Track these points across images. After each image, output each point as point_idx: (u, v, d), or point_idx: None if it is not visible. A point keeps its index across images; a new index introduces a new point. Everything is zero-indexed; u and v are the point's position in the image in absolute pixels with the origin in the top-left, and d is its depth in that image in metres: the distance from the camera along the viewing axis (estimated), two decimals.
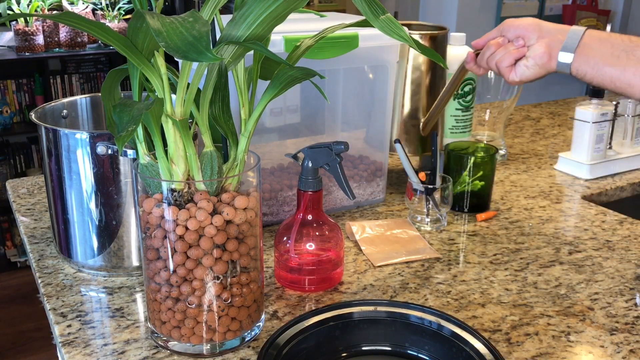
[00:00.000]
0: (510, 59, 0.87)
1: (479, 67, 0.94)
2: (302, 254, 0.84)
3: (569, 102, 1.98)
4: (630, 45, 0.80)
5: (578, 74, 0.83)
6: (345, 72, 1.07)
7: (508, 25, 0.89)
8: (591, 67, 0.82)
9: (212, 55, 0.50)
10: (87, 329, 0.76)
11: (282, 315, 0.79)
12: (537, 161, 1.40)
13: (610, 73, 0.81)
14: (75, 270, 0.90)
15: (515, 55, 0.87)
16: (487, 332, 0.76)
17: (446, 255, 0.95)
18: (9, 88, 3.17)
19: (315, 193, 0.82)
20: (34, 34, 2.93)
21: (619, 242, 1.01)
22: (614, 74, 0.81)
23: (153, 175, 0.68)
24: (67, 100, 0.98)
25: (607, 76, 0.81)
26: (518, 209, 1.13)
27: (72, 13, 0.58)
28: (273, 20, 0.60)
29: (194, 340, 0.69)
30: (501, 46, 0.88)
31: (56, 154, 0.84)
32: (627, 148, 1.35)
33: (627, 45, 0.80)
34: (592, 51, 0.82)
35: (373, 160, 1.14)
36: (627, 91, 0.81)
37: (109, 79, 0.71)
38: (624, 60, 0.80)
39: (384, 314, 0.71)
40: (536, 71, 0.86)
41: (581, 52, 0.82)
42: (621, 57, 0.80)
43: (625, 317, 0.80)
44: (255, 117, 0.69)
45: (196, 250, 0.65)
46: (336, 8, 4.37)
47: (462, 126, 1.27)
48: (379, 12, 0.61)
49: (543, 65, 0.85)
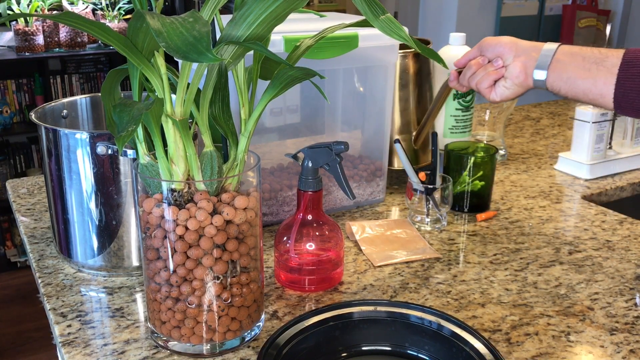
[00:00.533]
0: (489, 81, 0.90)
1: (462, 86, 0.97)
2: (302, 254, 0.84)
3: (569, 102, 1.98)
4: (600, 57, 0.82)
5: (553, 89, 0.86)
6: (345, 72, 1.07)
7: (487, 44, 0.91)
8: (564, 82, 0.84)
9: (213, 55, 0.50)
10: (87, 329, 0.76)
11: (282, 315, 0.79)
12: (537, 161, 1.40)
13: (582, 86, 0.83)
14: (75, 270, 0.90)
15: (494, 76, 0.90)
16: (487, 332, 0.76)
17: (446, 255, 0.96)
18: (9, 88, 3.17)
19: (315, 193, 0.82)
20: (34, 34, 2.93)
21: (619, 242, 1.01)
22: (586, 86, 0.82)
23: (153, 175, 0.68)
24: (67, 100, 0.98)
25: (579, 89, 0.83)
26: (518, 209, 1.13)
27: (72, 13, 0.58)
28: (273, 20, 0.60)
29: (194, 340, 0.69)
30: (481, 66, 0.91)
31: (56, 154, 0.84)
32: (627, 148, 1.35)
33: (597, 57, 0.82)
34: (564, 66, 0.84)
35: (373, 160, 1.14)
36: (599, 102, 0.83)
37: (109, 79, 0.71)
38: (595, 72, 0.81)
39: (384, 314, 0.71)
40: (515, 90, 0.89)
41: (554, 69, 0.84)
42: (592, 69, 0.82)
43: (625, 317, 0.80)
44: (255, 117, 0.69)
45: (196, 250, 0.65)
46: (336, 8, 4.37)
47: (462, 126, 1.27)
48: (379, 12, 0.61)
49: (521, 83, 0.88)
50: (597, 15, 3.51)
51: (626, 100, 0.80)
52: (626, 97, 0.80)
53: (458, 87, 0.98)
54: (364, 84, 1.10)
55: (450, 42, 1.25)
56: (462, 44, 1.25)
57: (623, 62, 0.80)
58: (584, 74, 0.82)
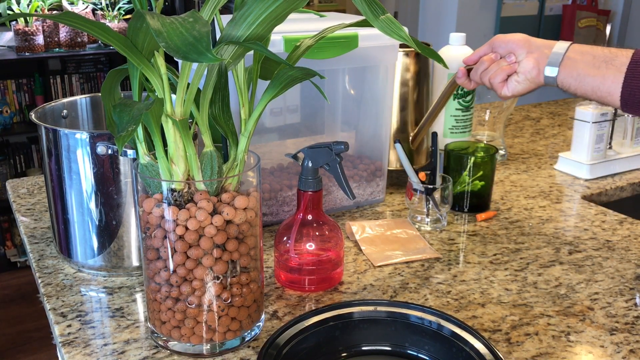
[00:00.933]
0: (502, 75, 0.91)
1: (470, 82, 0.97)
2: (302, 254, 0.84)
3: (569, 102, 1.98)
4: (609, 55, 0.84)
5: (563, 86, 0.87)
6: (345, 72, 1.07)
7: (499, 41, 0.92)
8: (574, 79, 0.85)
9: (213, 55, 0.50)
10: (87, 329, 0.76)
11: (282, 315, 0.79)
12: (537, 161, 1.40)
13: (591, 83, 0.84)
14: (75, 270, 0.90)
15: (507, 70, 0.91)
16: (487, 332, 0.76)
17: (446, 255, 0.96)
18: (9, 88, 3.17)
19: (315, 193, 0.82)
20: (34, 34, 2.93)
21: (619, 242, 1.01)
22: (594, 83, 0.84)
23: (153, 175, 0.68)
24: (67, 100, 0.98)
25: (589, 86, 0.85)
26: (518, 209, 1.13)
27: (72, 13, 0.58)
28: (273, 20, 0.60)
29: (194, 340, 0.69)
30: (494, 62, 0.92)
31: (56, 154, 0.84)
32: (627, 148, 1.35)
33: (607, 56, 0.84)
34: (575, 64, 0.85)
35: (373, 160, 1.14)
36: (607, 100, 0.84)
37: (109, 79, 0.71)
38: (604, 70, 0.83)
39: (384, 314, 0.71)
40: (527, 85, 0.90)
41: (565, 65, 0.86)
42: (601, 67, 0.83)
43: (625, 317, 0.80)
44: (255, 117, 0.69)
45: (196, 250, 0.65)
46: (336, 8, 4.37)
47: (462, 126, 1.27)
48: (379, 12, 0.61)
49: (533, 79, 0.89)
50: (597, 15, 3.51)
51: (633, 99, 0.82)
52: (633, 95, 0.81)
53: (466, 83, 0.98)
54: (363, 84, 1.10)
55: (450, 42, 1.25)
56: (462, 44, 1.25)
57: (632, 61, 0.82)
58: (594, 71, 0.84)
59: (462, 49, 1.24)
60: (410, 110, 1.17)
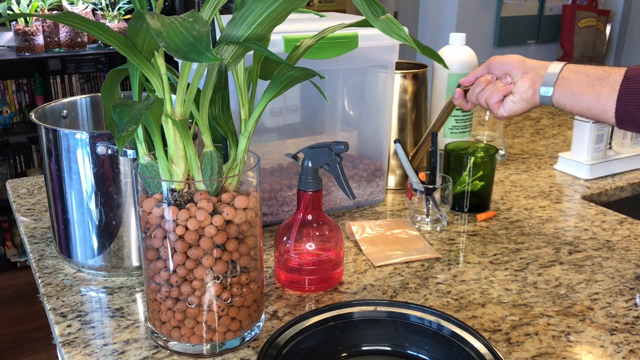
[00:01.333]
0: (499, 96, 0.92)
1: (467, 102, 0.99)
2: (302, 254, 0.84)
3: None
4: (603, 74, 0.85)
5: (559, 105, 0.88)
6: (345, 72, 1.07)
7: (495, 62, 0.94)
8: (569, 98, 0.87)
9: (212, 55, 0.50)
10: (87, 329, 0.76)
11: (282, 315, 0.79)
12: (537, 161, 1.40)
13: (586, 101, 0.85)
14: (75, 270, 0.90)
15: (503, 91, 0.92)
16: (487, 332, 0.76)
17: (446, 255, 0.96)
18: (9, 88, 3.17)
19: (315, 193, 0.82)
20: (34, 34, 2.93)
21: (619, 242, 1.01)
22: (589, 101, 0.85)
23: (153, 175, 0.68)
24: (67, 100, 0.98)
25: (583, 104, 0.86)
26: (518, 209, 1.13)
27: (72, 13, 0.58)
28: (273, 20, 0.60)
29: (194, 340, 0.69)
30: (490, 83, 0.94)
31: (56, 154, 0.84)
32: (627, 148, 1.35)
33: (601, 74, 0.85)
34: (569, 83, 0.87)
35: (373, 160, 1.14)
36: (602, 117, 0.85)
37: (109, 79, 0.71)
38: (598, 88, 0.84)
39: (384, 314, 0.71)
40: (523, 106, 0.91)
41: (560, 85, 0.87)
42: (595, 85, 0.85)
43: (625, 317, 0.80)
44: (255, 117, 0.69)
45: (196, 250, 0.65)
46: (336, 8, 4.37)
47: (462, 126, 1.27)
48: (379, 12, 0.61)
49: (528, 99, 0.91)
50: (597, 15, 3.51)
51: (627, 115, 0.83)
52: (627, 112, 0.82)
53: (463, 104, 0.99)
54: (364, 84, 1.10)
55: (450, 42, 1.25)
56: (462, 44, 1.25)
57: (625, 78, 0.83)
58: (588, 90, 0.85)
59: (462, 49, 1.24)
60: (408, 131, 1.19)
